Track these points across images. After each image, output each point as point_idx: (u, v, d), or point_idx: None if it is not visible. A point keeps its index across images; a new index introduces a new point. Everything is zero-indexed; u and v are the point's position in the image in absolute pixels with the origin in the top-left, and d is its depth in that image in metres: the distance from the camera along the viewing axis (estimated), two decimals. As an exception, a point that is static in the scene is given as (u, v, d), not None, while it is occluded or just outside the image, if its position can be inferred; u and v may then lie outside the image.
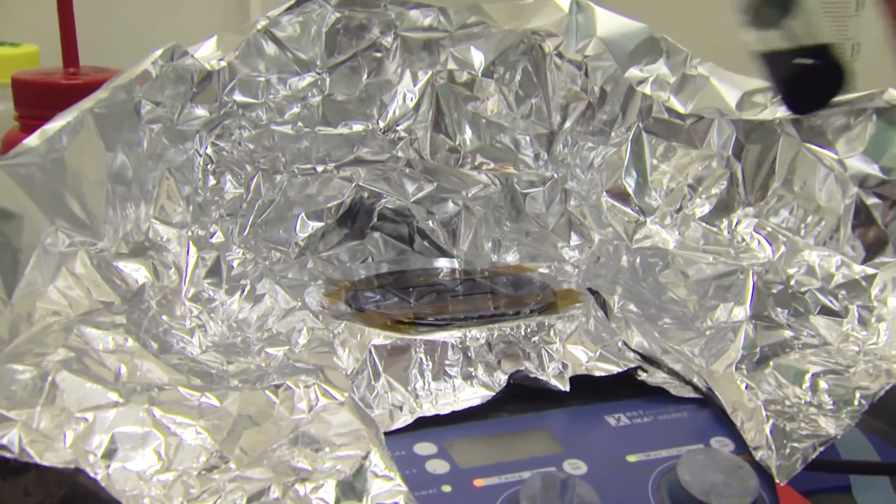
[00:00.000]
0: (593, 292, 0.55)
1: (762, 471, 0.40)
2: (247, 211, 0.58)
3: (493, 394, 0.45)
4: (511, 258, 0.63)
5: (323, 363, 0.44)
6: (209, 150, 0.57)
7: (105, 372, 0.40)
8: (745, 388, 0.44)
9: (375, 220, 0.63)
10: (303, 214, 0.60)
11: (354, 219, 0.62)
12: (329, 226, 0.61)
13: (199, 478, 0.35)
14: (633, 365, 0.48)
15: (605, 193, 0.61)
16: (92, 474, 0.34)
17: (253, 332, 0.50)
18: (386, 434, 0.41)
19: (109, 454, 0.35)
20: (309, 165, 0.61)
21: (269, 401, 0.39)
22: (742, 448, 0.42)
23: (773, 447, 0.41)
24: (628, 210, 0.60)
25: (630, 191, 0.60)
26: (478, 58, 0.63)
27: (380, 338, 0.46)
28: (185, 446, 0.36)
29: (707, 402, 0.46)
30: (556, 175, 0.63)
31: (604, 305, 0.54)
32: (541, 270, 0.61)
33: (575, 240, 0.63)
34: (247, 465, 0.35)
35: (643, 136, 0.60)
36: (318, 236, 0.60)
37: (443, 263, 0.61)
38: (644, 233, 0.59)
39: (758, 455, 0.41)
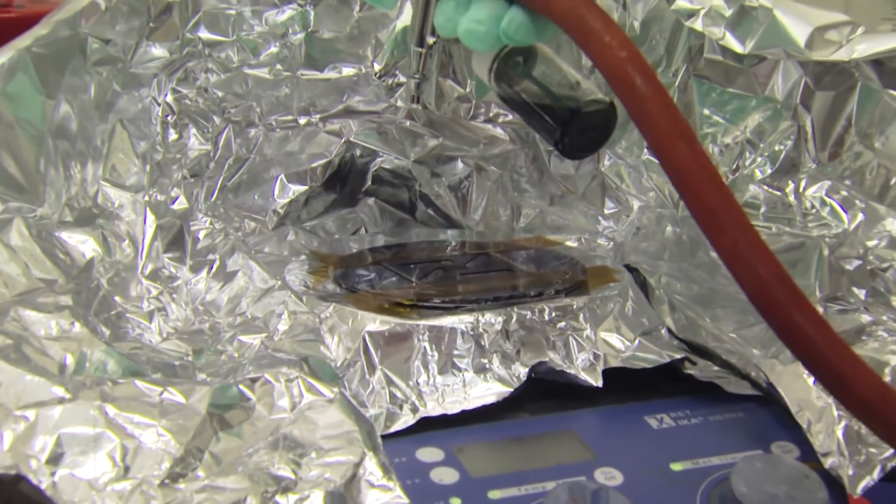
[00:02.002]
0: (631, 270, 0.55)
1: (832, 481, 0.40)
2: (215, 172, 0.58)
3: (511, 390, 0.46)
4: (532, 229, 0.63)
5: (308, 353, 0.44)
6: (169, 98, 0.57)
7: (48, 362, 0.40)
8: (813, 383, 0.45)
9: (369, 182, 0.63)
10: (282, 176, 0.60)
11: (344, 181, 0.63)
12: (314, 190, 0.61)
13: (162, 487, 0.35)
14: (678, 356, 0.48)
15: (646, 151, 0.61)
16: (35, 482, 0.34)
17: (223, 317, 0.51)
18: (383, 437, 0.41)
19: (55, 459, 0.35)
20: (289, 117, 0.61)
21: (244, 397, 0.39)
22: (808, 454, 0.42)
23: (846, 453, 0.41)
24: None
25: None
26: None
27: (375, 323, 0.46)
28: (145, 450, 0.36)
29: (767, 399, 0.46)
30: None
31: (644, 285, 0.54)
32: (568, 244, 0.61)
33: (610, 207, 0.63)
34: (218, 473, 0.36)
35: (693, 82, 0.60)
36: (301, 202, 0.61)
37: (451, 235, 0.62)
38: (693, 198, 0.59)
39: (827, 462, 0.41)
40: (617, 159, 0.63)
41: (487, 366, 0.46)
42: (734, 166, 0.59)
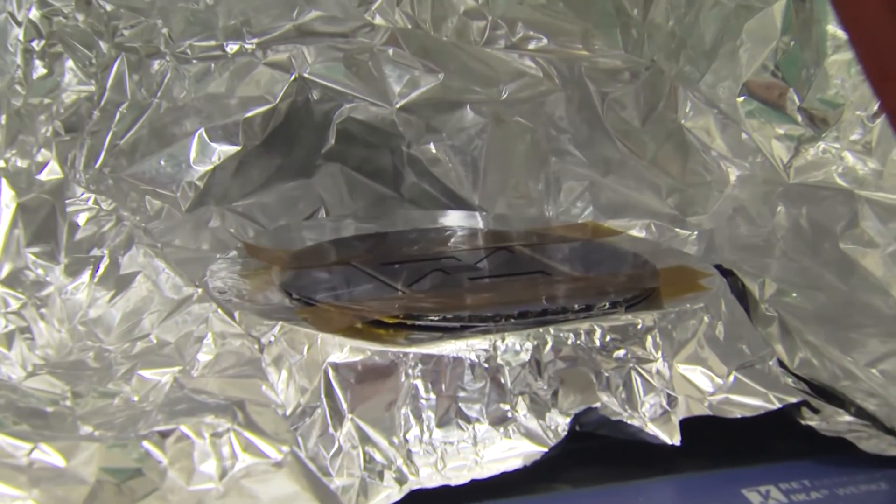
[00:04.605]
0: (725, 272, 0.56)
1: None
2: (101, 125, 0.60)
3: (545, 450, 0.46)
4: (578, 210, 0.65)
5: (244, 395, 0.45)
6: (35, 15, 0.58)
7: None
8: None
9: (332, 141, 0.64)
10: (201, 132, 0.62)
11: (294, 140, 0.64)
12: (249, 152, 0.62)
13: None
14: (793, 399, 0.49)
15: (744, 89, 0.63)
16: None
17: (116, 342, 0.52)
18: (355, 518, 0.42)
19: None
20: (212, 42, 0.63)
21: (151, 459, 0.40)
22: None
23: None
24: (787, 119, 0.62)
25: (790, 84, 0.62)
26: None
27: (343, 351, 0.47)
28: (8, 534, 0.37)
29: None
30: (657, 60, 0.65)
31: (743, 295, 0.55)
32: (632, 233, 0.62)
33: (694, 178, 0.64)
34: (114, 569, 0.37)
35: (812, -14, 0.61)
36: (230, 171, 0.62)
37: (455, 220, 0.63)
38: (815, 160, 0.60)
39: None
40: (703, 104, 0.64)
41: (510, 414, 0.47)
42: (876, 110, 0.59)
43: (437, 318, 0.50)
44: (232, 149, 0.62)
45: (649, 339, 0.50)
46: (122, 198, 0.58)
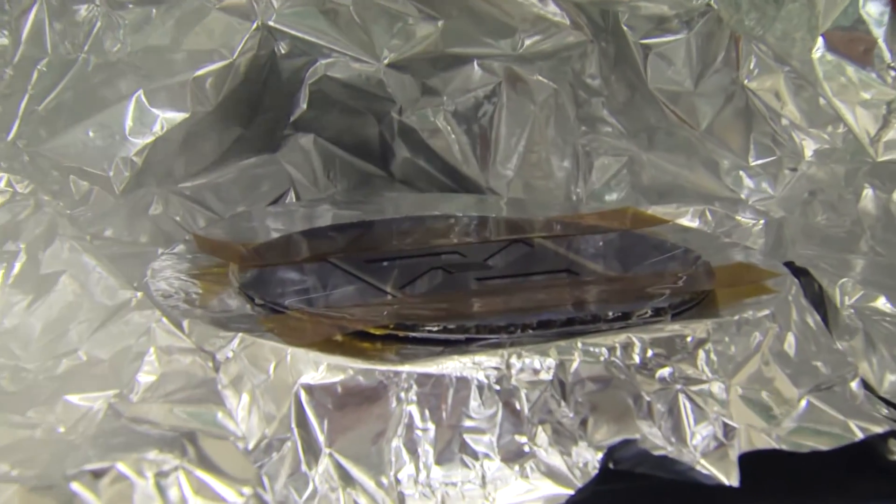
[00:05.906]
0: (798, 272, 0.57)
1: None
2: (14, 87, 0.61)
3: (572, 492, 0.47)
4: (614, 193, 0.66)
5: (195, 425, 0.46)
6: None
7: None
8: None
9: (304, 106, 0.65)
10: (140, 94, 0.62)
11: (256, 105, 0.65)
12: (200, 120, 0.63)
13: None
14: (880, 429, 0.50)
15: (821, 43, 0.63)
16: None
17: (37, 359, 0.52)
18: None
19: None
20: (154, -16, 0.63)
21: (82, 503, 0.42)
22: None
23: None
24: (875, 81, 0.62)
25: (878, 36, 0.62)
26: None
27: (319, 370, 0.48)
28: None
29: None
30: (714, 4, 0.65)
31: (819, 299, 0.56)
32: (681, 222, 0.63)
33: (760, 153, 0.65)
34: None
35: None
36: (176, 144, 0.63)
37: (459, 206, 0.64)
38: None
39: None
40: (771, 61, 0.64)
41: (527, 448, 0.48)
42: None
43: (436, 329, 0.51)
44: (178, 116, 0.62)
45: (701, 354, 0.50)
46: (41, 178, 0.58)
